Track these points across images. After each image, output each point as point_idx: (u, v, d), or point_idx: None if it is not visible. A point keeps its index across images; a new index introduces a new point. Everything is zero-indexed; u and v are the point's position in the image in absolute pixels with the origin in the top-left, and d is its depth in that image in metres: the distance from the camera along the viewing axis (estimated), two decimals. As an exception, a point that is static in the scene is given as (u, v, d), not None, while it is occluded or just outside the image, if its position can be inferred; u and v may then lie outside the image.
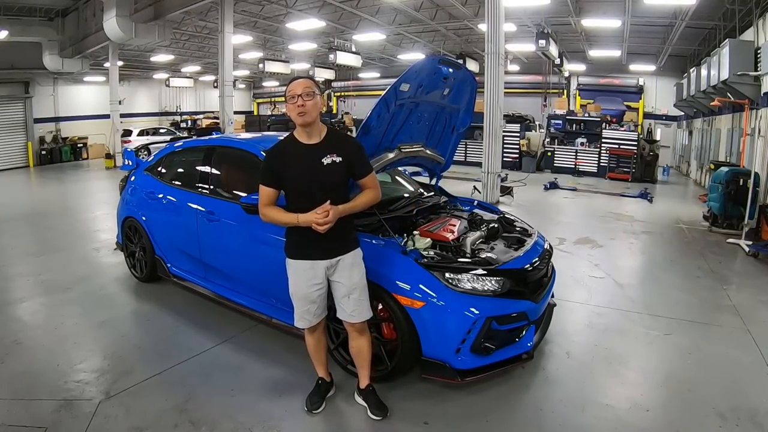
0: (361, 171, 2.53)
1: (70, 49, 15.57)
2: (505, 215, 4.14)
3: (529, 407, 2.87)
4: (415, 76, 3.19)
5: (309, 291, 2.53)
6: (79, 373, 3.13)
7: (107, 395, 2.87)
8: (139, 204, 4.65)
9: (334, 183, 2.45)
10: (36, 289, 4.74)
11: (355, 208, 2.49)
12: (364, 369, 2.75)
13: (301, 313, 2.60)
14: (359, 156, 2.54)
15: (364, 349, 2.70)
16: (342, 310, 2.60)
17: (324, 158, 2.42)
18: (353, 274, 2.55)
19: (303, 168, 2.42)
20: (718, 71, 9.24)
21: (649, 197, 10.76)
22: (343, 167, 2.46)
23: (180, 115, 25.93)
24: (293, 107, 2.37)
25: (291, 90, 2.38)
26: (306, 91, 2.36)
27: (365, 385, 2.77)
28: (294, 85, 2.39)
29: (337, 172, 2.45)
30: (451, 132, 4.10)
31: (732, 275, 5.57)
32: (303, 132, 2.46)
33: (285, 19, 14.52)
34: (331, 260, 2.51)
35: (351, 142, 2.59)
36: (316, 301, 2.57)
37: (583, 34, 15.07)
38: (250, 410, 2.76)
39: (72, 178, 14.82)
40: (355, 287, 2.55)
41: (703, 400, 2.93)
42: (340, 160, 2.44)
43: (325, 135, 2.49)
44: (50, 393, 2.90)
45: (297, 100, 2.35)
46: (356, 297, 2.56)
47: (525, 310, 2.95)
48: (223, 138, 4.81)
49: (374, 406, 2.71)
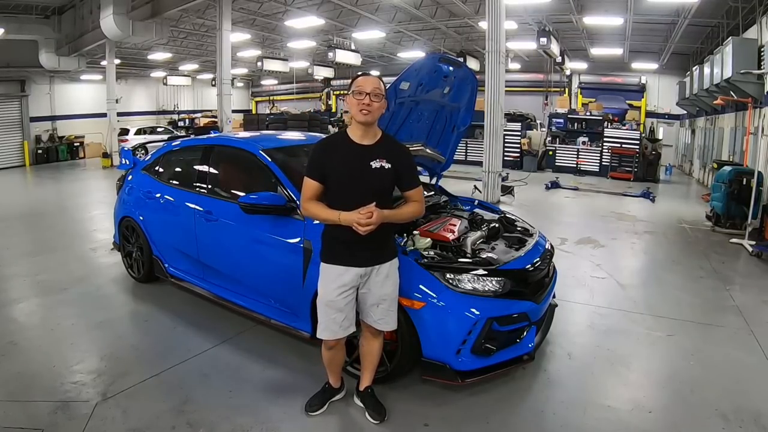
0: (408, 183, 2.48)
1: (66, 47, 15.57)
2: (506, 215, 4.14)
3: (531, 409, 2.87)
4: (415, 75, 3.19)
5: (337, 298, 2.43)
6: (76, 375, 3.12)
7: (104, 397, 2.87)
8: (136, 204, 4.64)
9: (378, 188, 2.38)
10: (32, 289, 4.73)
11: (398, 217, 2.43)
12: (369, 371, 2.75)
13: (327, 323, 2.47)
14: (409, 167, 2.50)
15: (375, 351, 2.70)
16: (368, 315, 2.55)
17: (373, 161, 2.37)
18: (386, 285, 2.50)
19: (350, 167, 2.37)
20: (721, 69, 9.24)
21: (652, 197, 10.77)
22: (391, 175, 2.41)
23: (177, 114, 25.95)
24: (357, 103, 2.30)
25: (360, 85, 2.31)
26: (375, 92, 2.30)
27: (365, 386, 2.77)
28: (364, 81, 2.33)
29: (384, 178, 2.39)
30: (452, 131, 4.11)
31: (735, 275, 5.57)
32: (358, 130, 2.40)
33: (284, 16, 14.53)
34: (366, 269, 2.45)
35: (403, 152, 2.53)
36: (344, 310, 2.46)
37: (585, 32, 15.08)
38: (248, 412, 2.76)
39: (68, 178, 14.81)
40: (385, 298, 2.51)
41: (705, 401, 2.93)
42: (390, 167, 2.39)
43: (379, 138, 2.44)
44: (46, 394, 2.89)
45: (365, 97, 2.29)
46: (385, 307, 2.53)
47: (526, 311, 2.94)
48: (222, 137, 4.81)
49: (372, 408, 2.71)
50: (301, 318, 3.17)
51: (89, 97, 21.06)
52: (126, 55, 19.33)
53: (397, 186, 2.48)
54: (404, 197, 2.52)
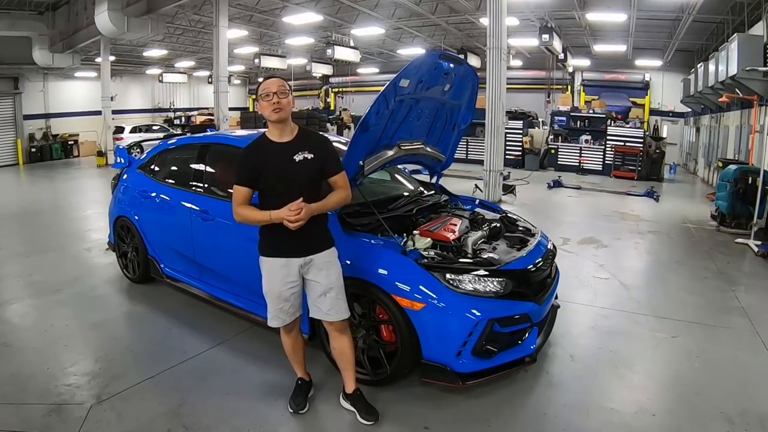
0: (331, 168, 2.60)
1: (60, 44, 15.53)
2: (508, 214, 4.14)
3: (532, 412, 2.87)
4: (415, 72, 3.19)
5: (283, 289, 2.58)
6: (70, 377, 3.12)
7: (99, 399, 2.87)
8: (131, 203, 4.64)
9: (306, 181, 2.52)
10: (26, 290, 4.73)
11: (325, 207, 2.55)
12: (349, 372, 2.76)
13: (275, 312, 2.64)
14: (330, 153, 2.63)
15: (346, 349, 2.72)
16: (318, 309, 2.64)
17: (296, 155, 2.51)
18: (330, 273, 2.60)
19: (276, 165, 2.50)
20: (726, 66, 9.25)
21: (656, 196, 10.77)
22: (315, 164, 2.54)
23: (173, 112, 25.93)
24: (268, 104, 2.47)
25: (265, 88, 2.49)
26: (281, 90, 2.47)
27: (352, 389, 2.76)
28: (268, 83, 2.50)
29: (309, 169, 2.53)
30: (452, 129, 4.10)
31: (741, 276, 5.58)
32: (276, 130, 2.56)
33: (281, 13, 14.53)
34: (305, 258, 2.56)
35: (322, 140, 2.67)
36: (290, 299, 2.61)
37: (588, 29, 15.07)
38: (245, 414, 2.76)
39: (62, 177, 14.80)
40: (332, 286, 2.60)
41: (710, 404, 2.93)
42: (312, 157, 2.53)
43: (297, 133, 2.59)
44: (40, 397, 2.89)
45: (272, 97, 2.46)
46: (333, 296, 2.61)
47: (528, 312, 2.94)
48: (218, 135, 4.81)
49: (364, 410, 2.70)
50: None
51: (84, 94, 21.04)
52: (121, 51, 19.30)
53: (323, 175, 2.60)
54: (331, 184, 2.63)
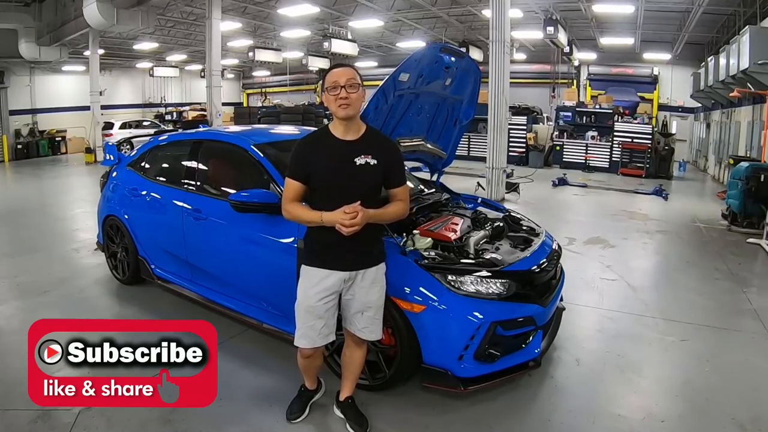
0: (395, 180, 2.44)
1: (47, 37, 15.49)
2: (511, 213, 4.14)
3: (537, 418, 2.87)
4: (415, 66, 3.18)
5: (317, 304, 2.39)
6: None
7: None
8: (121, 201, 4.63)
9: (364, 186, 2.35)
10: (11, 292, 4.72)
11: (383, 217, 2.39)
12: (350, 381, 2.74)
13: (305, 330, 2.44)
14: (397, 164, 2.46)
15: (358, 361, 2.68)
16: (352, 323, 2.52)
17: (358, 158, 2.33)
18: (371, 292, 2.45)
19: (334, 165, 2.33)
20: (737, 60, 9.26)
21: (664, 194, 10.79)
22: (377, 172, 2.37)
23: (165, 107, 25.90)
24: (334, 98, 2.28)
25: (333, 79, 2.28)
26: (350, 82, 2.27)
27: (345, 396, 2.75)
28: (336, 73, 2.29)
29: (370, 176, 2.36)
30: (454, 125, 4.10)
31: (752, 277, 5.58)
32: (340, 126, 2.37)
33: (276, 4, 14.50)
34: (351, 273, 2.40)
35: (391, 147, 2.50)
36: (324, 317, 2.42)
37: (594, 21, 15.07)
38: (239, 421, 2.75)
39: (50, 174, 14.78)
40: (371, 306, 2.47)
41: (721, 409, 2.93)
42: (375, 163, 2.35)
43: (364, 133, 2.41)
44: (27, 403, 2.87)
45: (340, 91, 2.26)
46: (371, 315, 2.49)
47: (532, 315, 2.94)
48: (211, 131, 4.80)
49: (353, 419, 2.69)
50: (295, 322, 3.16)
51: (72, 89, 21.01)
52: (110, 44, 19.27)
53: (383, 184, 2.45)
54: (389, 195, 2.48)
